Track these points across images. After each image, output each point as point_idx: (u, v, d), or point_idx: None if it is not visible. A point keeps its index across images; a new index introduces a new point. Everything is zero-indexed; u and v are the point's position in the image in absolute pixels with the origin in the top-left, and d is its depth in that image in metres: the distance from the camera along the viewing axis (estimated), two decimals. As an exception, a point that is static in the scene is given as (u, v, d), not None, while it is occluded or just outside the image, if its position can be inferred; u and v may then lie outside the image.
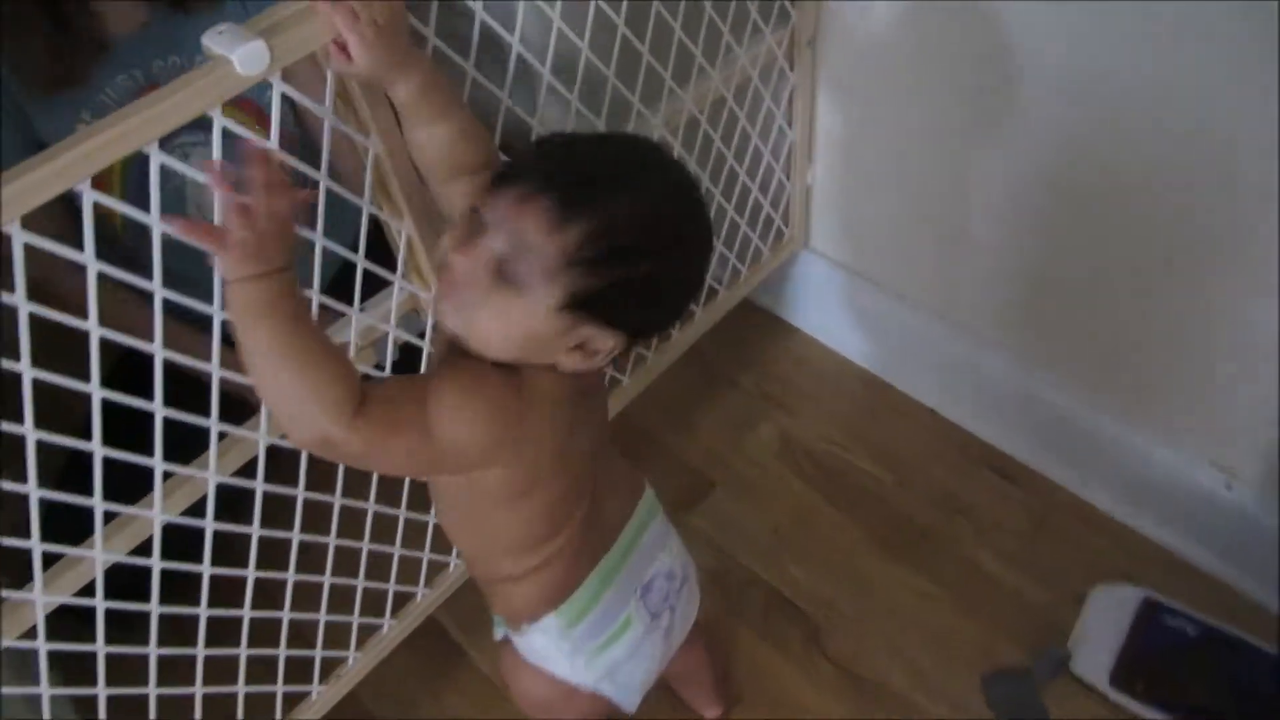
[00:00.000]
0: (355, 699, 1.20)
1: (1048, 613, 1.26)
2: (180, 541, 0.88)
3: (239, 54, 0.70)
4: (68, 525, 0.81)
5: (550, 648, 0.85)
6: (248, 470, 0.90)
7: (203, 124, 1.15)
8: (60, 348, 0.75)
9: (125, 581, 0.85)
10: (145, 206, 0.72)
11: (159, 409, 0.78)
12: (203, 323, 0.80)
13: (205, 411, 0.82)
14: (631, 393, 1.33)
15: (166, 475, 0.84)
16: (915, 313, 1.42)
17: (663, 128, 1.11)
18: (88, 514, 0.80)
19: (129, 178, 1.12)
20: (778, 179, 1.37)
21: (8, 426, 0.70)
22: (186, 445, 0.85)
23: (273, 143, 0.77)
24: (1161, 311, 1.13)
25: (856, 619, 1.28)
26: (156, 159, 0.70)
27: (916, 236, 1.36)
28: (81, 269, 0.69)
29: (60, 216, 0.79)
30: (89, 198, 0.67)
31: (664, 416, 1.50)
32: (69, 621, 0.85)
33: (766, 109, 1.26)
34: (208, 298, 0.77)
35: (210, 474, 0.86)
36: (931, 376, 1.47)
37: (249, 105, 1.12)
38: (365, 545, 1.05)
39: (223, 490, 0.88)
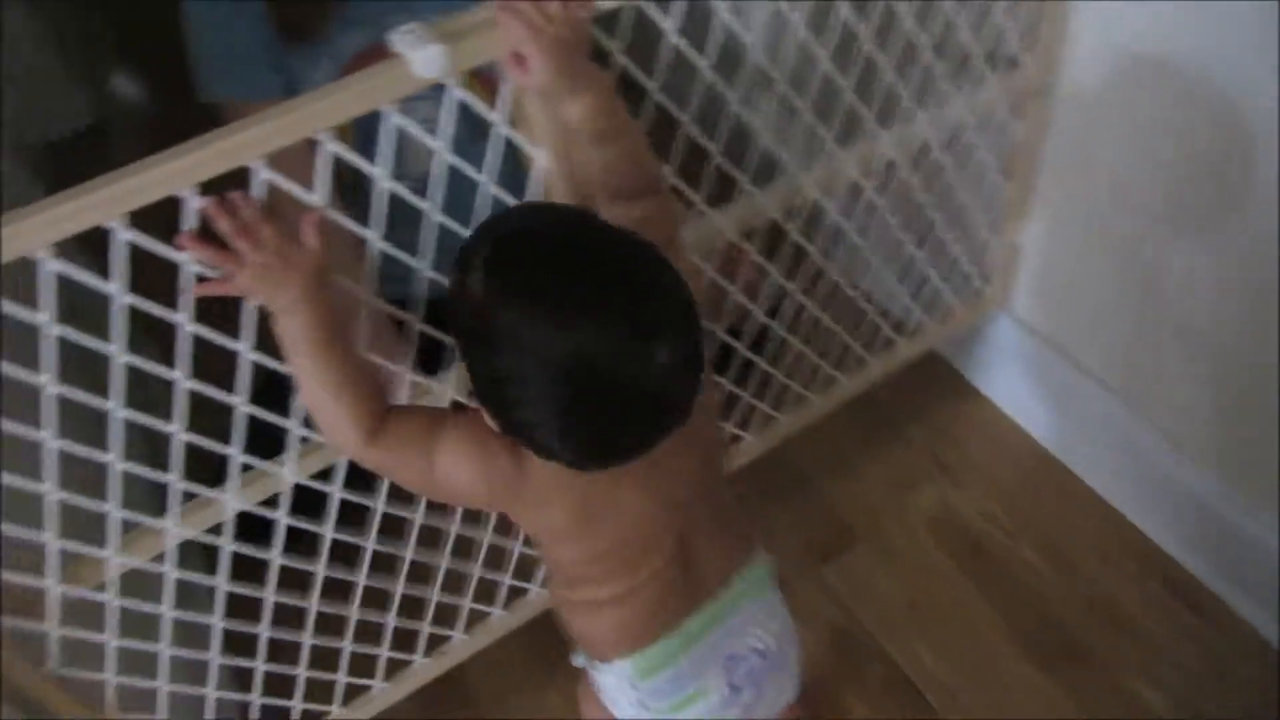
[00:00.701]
0: (462, 678, 1.23)
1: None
2: (307, 504, 0.92)
3: (418, 56, 0.71)
4: (209, 470, 0.86)
5: (618, 692, 0.83)
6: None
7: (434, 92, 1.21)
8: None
9: (250, 531, 0.90)
10: (365, 148, 0.75)
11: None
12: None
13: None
14: (789, 429, 1.28)
15: (304, 439, 0.88)
16: (1110, 399, 1.29)
17: (854, 170, 1.06)
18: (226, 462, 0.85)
19: (358, 125, 1.18)
20: (982, 234, 1.28)
21: (158, 370, 0.76)
22: None
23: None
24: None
25: (975, 717, 1.19)
26: (328, 147, 0.72)
27: (1125, 319, 1.23)
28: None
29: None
30: (261, 172, 0.70)
31: (821, 458, 1.44)
32: (193, 562, 0.91)
33: (980, 160, 1.17)
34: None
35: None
36: (1115, 469, 1.33)
37: (488, 80, 1.16)
38: (487, 536, 1.06)
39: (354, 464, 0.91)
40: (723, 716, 0.83)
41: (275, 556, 0.92)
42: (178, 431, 0.79)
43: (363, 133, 1.16)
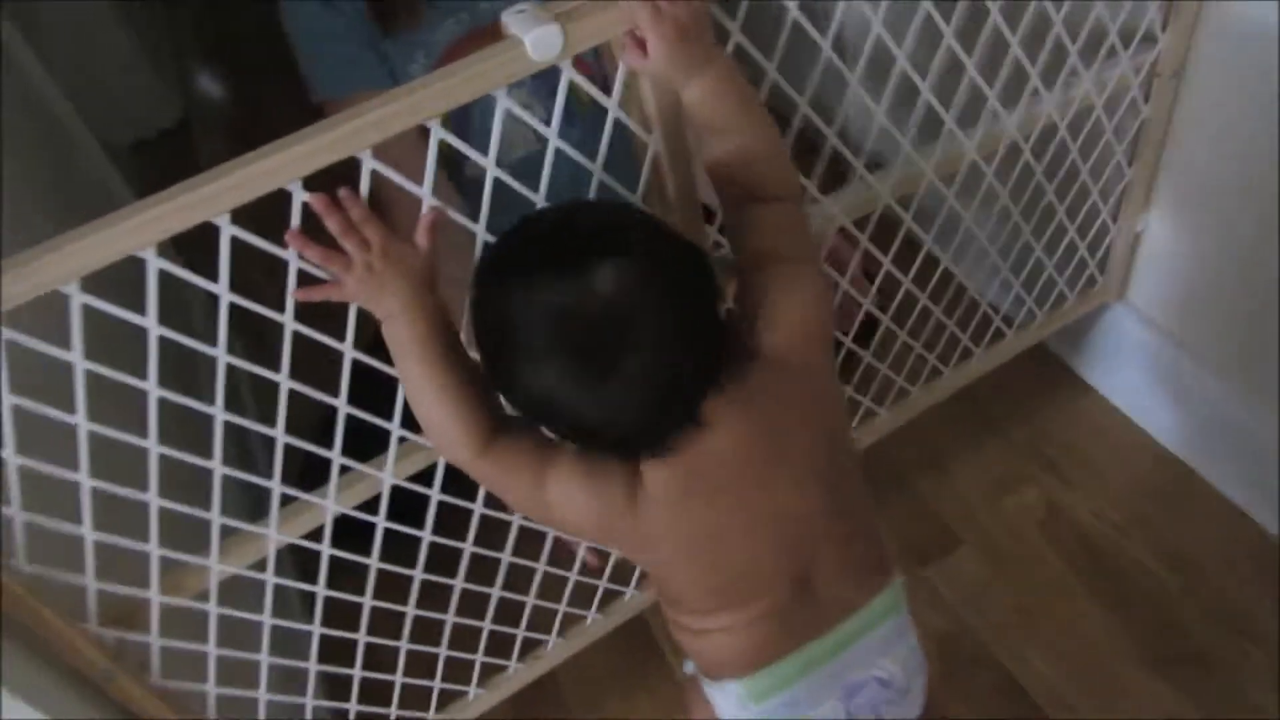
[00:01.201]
0: (554, 681, 1.21)
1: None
2: (405, 507, 0.88)
3: (532, 37, 0.66)
4: (313, 474, 0.83)
5: (729, 711, 0.78)
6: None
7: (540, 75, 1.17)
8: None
9: (348, 535, 0.87)
10: (461, 136, 0.71)
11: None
12: None
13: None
14: (887, 426, 1.22)
15: (401, 440, 0.84)
16: (1234, 396, 1.21)
17: (975, 153, 0.99)
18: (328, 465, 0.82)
19: (453, 115, 1.15)
20: (1102, 221, 1.21)
21: (266, 374, 0.73)
22: None
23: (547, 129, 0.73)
24: None
25: (1096, 724, 1.13)
26: (434, 138, 0.68)
27: (1253, 313, 1.15)
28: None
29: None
30: (367, 166, 0.66)
31: (920, 456, 1.38)
32: (290, 566, 0.89)
33: (1105, 142, 1.09)
34: None
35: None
36: (1246, 470, 1.25)
37: (587, 67, 1.13)
38: (583, 543, 1.03)
39: (451, 465, 0.87)
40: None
41: (374, 562, 0.89)
42: (280, 435, 0.76)
43: (454, 123, 1.13)
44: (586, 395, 0.62)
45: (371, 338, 0.72)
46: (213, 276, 0.66)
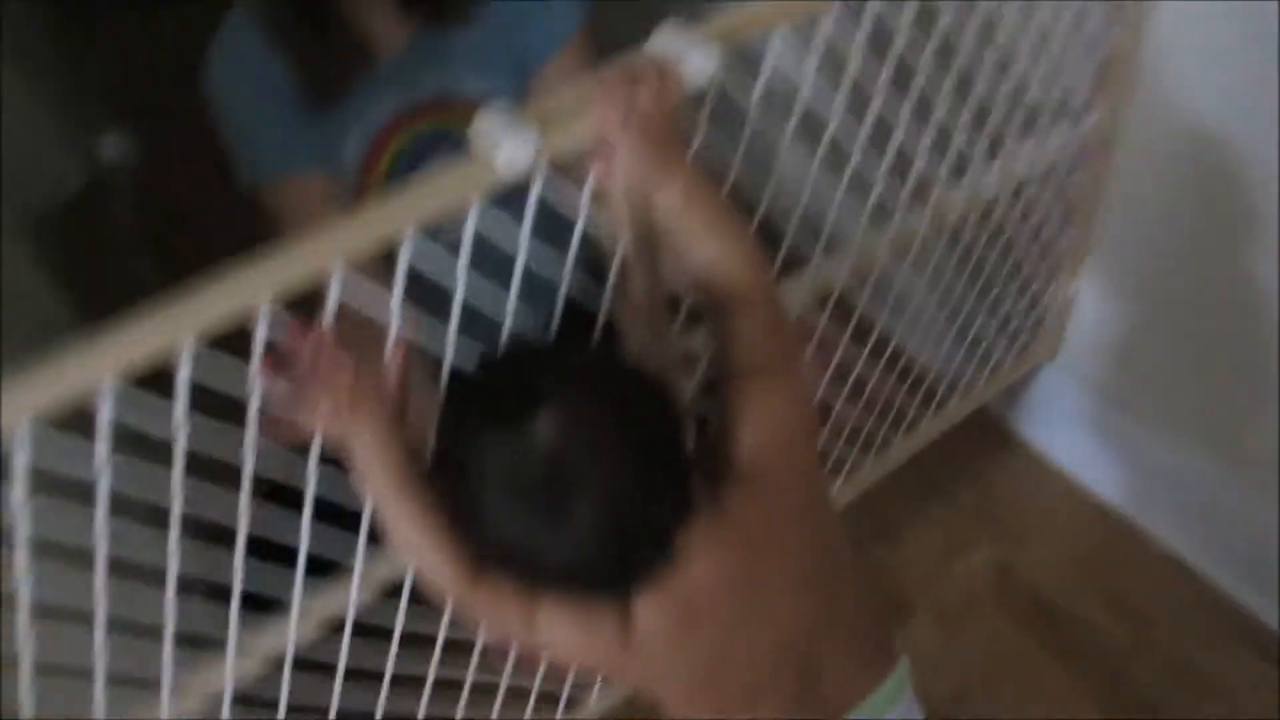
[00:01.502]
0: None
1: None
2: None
3: (505, 147, 0.64)
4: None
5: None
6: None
7: (459, 145, 1.13)
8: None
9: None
10: None
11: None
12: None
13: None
14: (842, 500, 1.22)
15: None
16: (1175, 447, 1.25)
17: (925, 230, 1.00)
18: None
19: (390, 188, 1.11)
20: (1036, 286, 1.24)
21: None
22: None
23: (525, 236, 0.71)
24: None
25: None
26: (408, 248, 0.65)
27: (1185, 366, 1.19)
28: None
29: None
30: (337, 281, 0.63)
31: (871, 525, 1.38)
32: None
33: (1041, 213, 1.13)
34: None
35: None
36: (1188, 522, 1.29)
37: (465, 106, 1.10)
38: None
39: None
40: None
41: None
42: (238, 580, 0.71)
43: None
44: (545, 544, 0.60)
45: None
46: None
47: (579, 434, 0.59)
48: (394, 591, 0.83)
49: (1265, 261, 1.03)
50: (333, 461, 0.69)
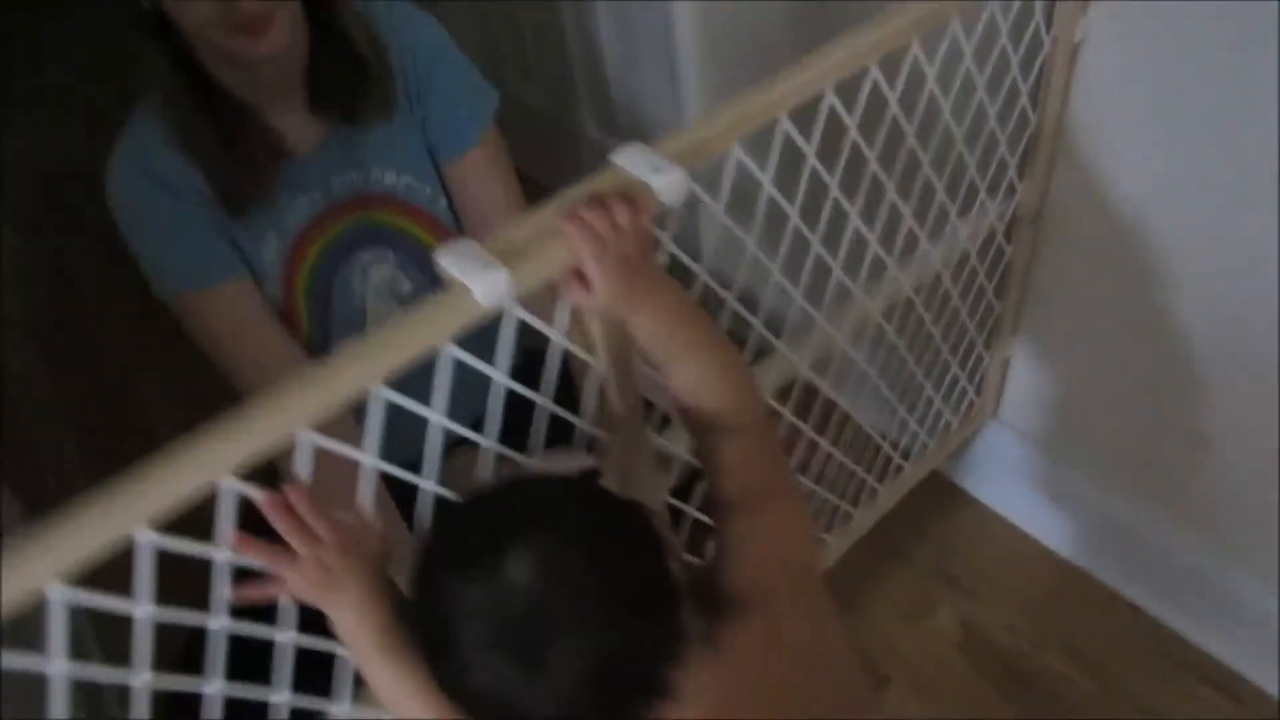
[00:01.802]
0: None
1: None
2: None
3: (481, 284, 0.62)
4: None
5: None
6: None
7: (384, 239, 1.09)
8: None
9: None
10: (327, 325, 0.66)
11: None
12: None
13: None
14: (807, 575, 1.21)
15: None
16: (1119, 496, 1.28)
17: (879, 313, 1.01)
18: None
19: (314, 290, 1.07)
20: (977, 351, 1.26)
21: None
22: None
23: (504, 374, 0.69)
24: None
25: None
26: (378, 400, 0.62)
27: (1118, 417, 1.23)
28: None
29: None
30: (306, 445, 0.60)
31: (834, 593, 1.37)
32: None
33: (979, 283, 1.15)
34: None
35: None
36: (1137, 568, 1.32)
37: (421, 215, 1.08)
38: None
39: None
40: None
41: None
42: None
43: (320, 304, 1.06)
44: (526, 695, 0.56)
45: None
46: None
47: (553, 575, 0.56)
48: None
49: (1187, 315, 1.08)
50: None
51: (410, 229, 1.08)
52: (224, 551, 0.60)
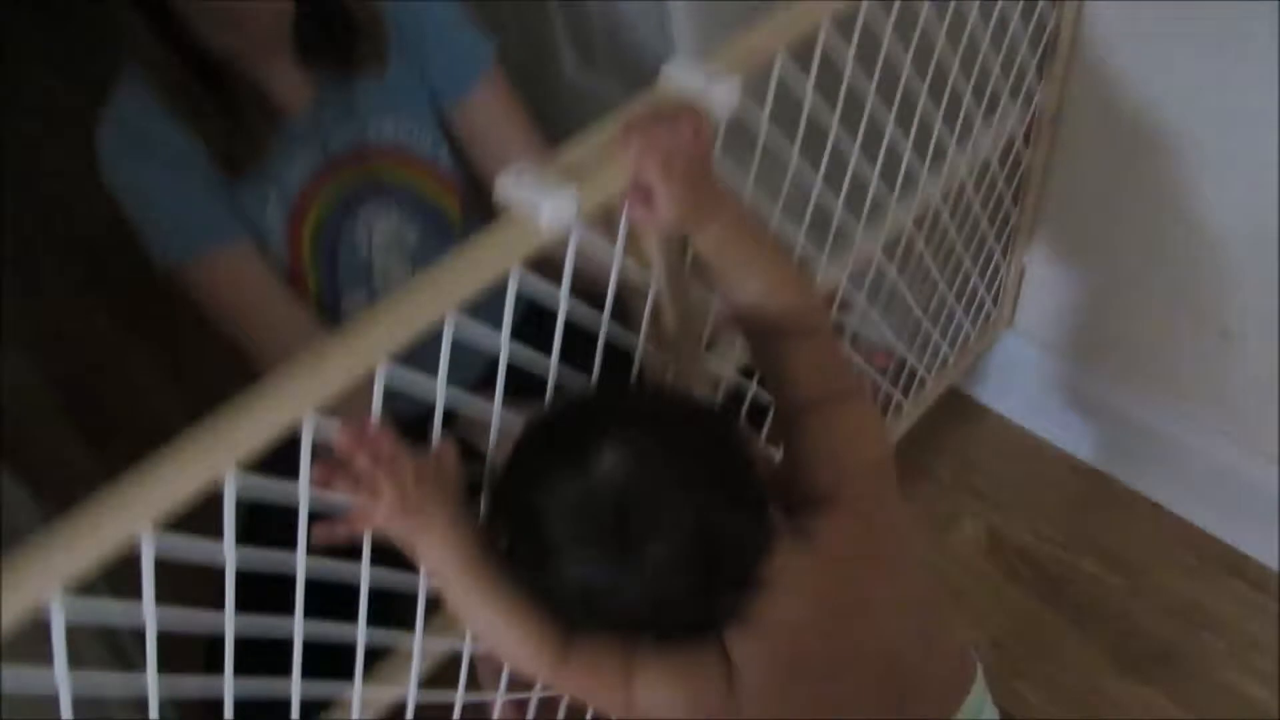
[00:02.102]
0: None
1: (1322, 745, 1.13)
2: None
3: (548, 207, 0.61)
4: None
5: None
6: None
7: (388, 192, 1.06)
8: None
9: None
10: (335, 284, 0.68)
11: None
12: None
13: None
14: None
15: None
16: (1136, 398, 1.29)
17: (909, 221, 1.01)
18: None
19: (320, 248, 1.05)
20: (995, 262, 1.26)
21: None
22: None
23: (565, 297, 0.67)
24: None
25: (1104, 750, 1.16)
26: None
27: (1142, 318, 1.24)
28: None
29: None
30: (381, 376, 0.58)
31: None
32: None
33: (998, 189, 1.15)
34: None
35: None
36: (1154, 467, 1.34)
37: (424, 166, 1.06)
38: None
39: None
40: None
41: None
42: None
43: (327, 256, 1.03)
44: (626, 585, 0.58)
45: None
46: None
47: (644, 465, 0.58)
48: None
49: (1203, 212, 1.08)
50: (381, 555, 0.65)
51: (413, 181, 1.06)
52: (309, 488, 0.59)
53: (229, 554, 0.56)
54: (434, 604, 0.74)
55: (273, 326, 0.99)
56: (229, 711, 0.63)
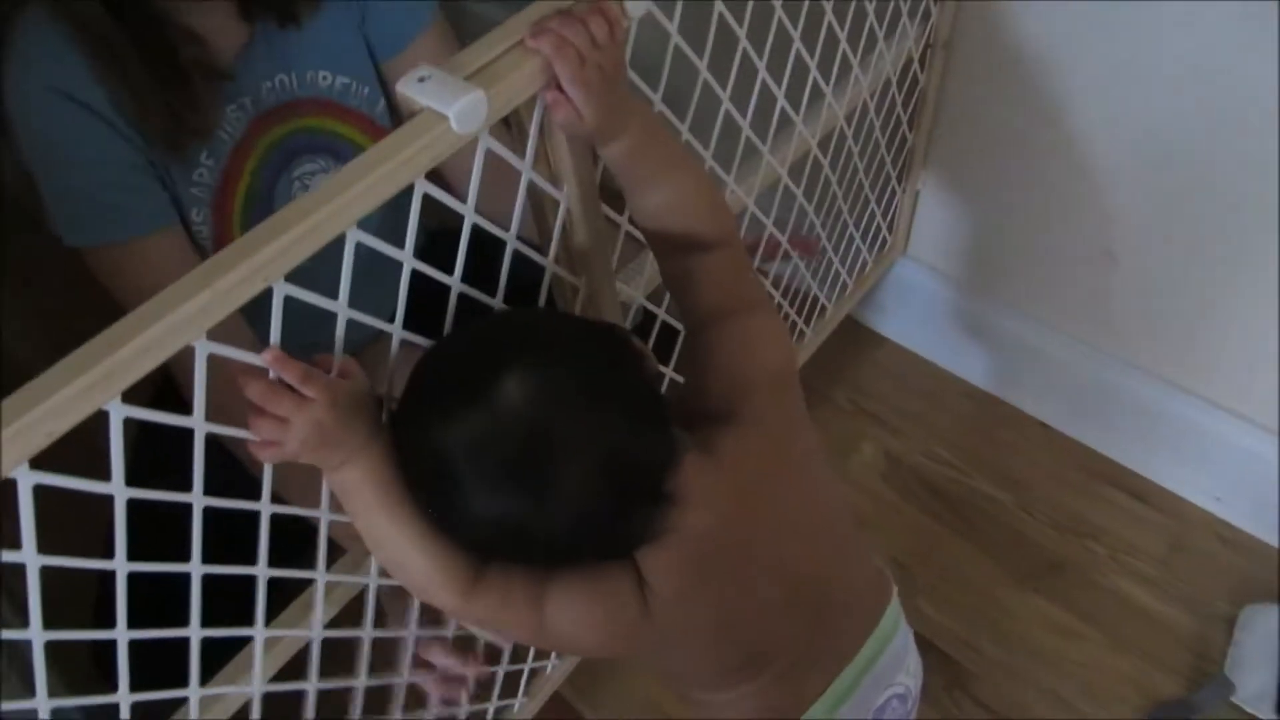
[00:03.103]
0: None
1: (1197, 640, 1.20)
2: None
3: (456, 109, 0.56)
4: None
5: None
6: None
7: (322, 147, 0.99)
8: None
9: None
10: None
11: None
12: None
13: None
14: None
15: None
16: (1025, 322, 1.33)
17: (813, 142, 1.00)
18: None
19: (252, 203, 0.96)
20: (890, 187, 1.27)
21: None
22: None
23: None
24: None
25: (1001, 660, 1.20)
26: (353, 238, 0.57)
27: (1031, 245, 1.27)
28: None
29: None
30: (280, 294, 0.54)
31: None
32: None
33: (896, 115, 1.15)
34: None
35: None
36: (1042, 389, 1.38)
37: (359, 118, 0.98)
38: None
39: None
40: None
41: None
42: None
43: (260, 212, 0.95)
44: (538, 512, 0.56)
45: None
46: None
47: (546, 395, 0.56)
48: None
49: (1089, 135, 1.11)
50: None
51: (348, 133, 0.98)
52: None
53: (118, 493, 0.51)
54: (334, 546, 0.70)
55: None
56: (123, 664, 0.58)
